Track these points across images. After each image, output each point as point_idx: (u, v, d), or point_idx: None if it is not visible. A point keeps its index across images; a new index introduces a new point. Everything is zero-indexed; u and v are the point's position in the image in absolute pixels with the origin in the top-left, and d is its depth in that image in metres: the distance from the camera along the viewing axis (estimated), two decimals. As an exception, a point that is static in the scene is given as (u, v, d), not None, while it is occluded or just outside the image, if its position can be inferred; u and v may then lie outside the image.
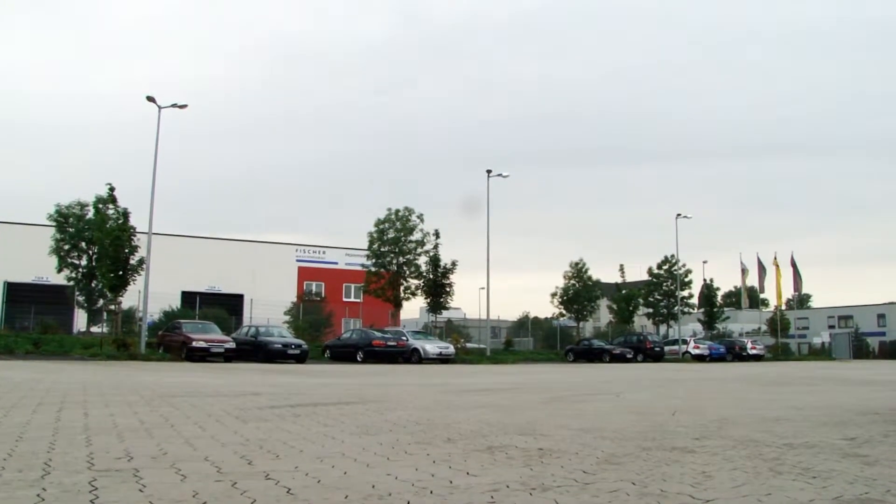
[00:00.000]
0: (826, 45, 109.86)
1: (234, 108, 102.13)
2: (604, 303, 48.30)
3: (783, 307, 53.77)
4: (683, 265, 48.57)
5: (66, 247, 37.17)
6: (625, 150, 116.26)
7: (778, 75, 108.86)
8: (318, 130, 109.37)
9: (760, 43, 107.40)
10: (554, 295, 45.36)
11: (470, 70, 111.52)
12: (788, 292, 53.48)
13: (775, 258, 51.19)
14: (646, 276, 49.08)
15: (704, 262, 66.12)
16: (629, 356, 37.71)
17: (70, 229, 37.16)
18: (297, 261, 58.95)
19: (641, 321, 50.44)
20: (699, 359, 40.82)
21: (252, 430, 4.75)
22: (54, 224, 37.73)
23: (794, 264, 51.95)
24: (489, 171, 38.03)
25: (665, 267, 48.57)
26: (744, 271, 52.43)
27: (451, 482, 3.25)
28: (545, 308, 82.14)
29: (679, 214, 45.77)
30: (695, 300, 50.56)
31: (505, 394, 9.41)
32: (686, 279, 48.41)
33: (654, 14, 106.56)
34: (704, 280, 50.64)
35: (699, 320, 51.36)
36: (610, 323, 49.53)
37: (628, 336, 42.52)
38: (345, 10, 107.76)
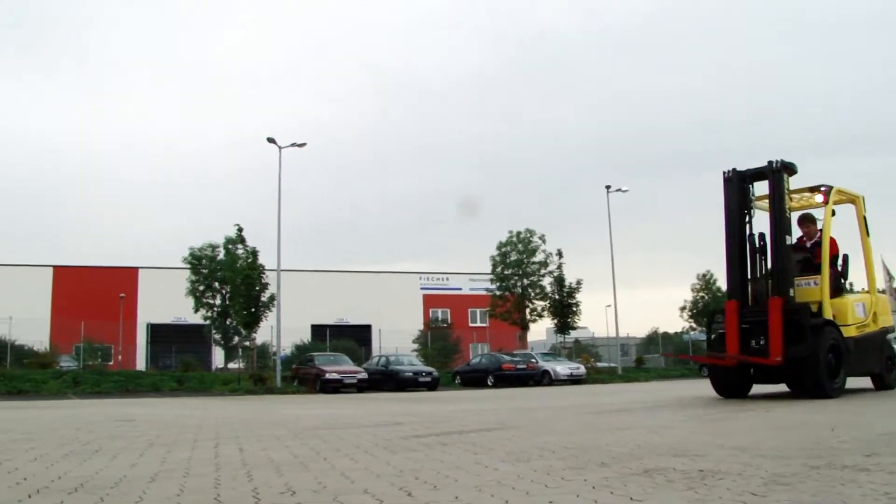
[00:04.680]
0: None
1: (348, 146, 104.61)
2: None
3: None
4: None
5: (201, 287, 38.70)
6: (748, 154, 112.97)
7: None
8: (435, 161, 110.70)
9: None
10: (683, 308, 44.37)
11: (581, 88, 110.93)
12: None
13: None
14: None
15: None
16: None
17: (203, 270, 38.69)
18: (422, 289, 59.56)
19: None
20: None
21: (403, 461, 4.76)
22: (189, 266, 39.30)
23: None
24: (608, 187, 37.61)
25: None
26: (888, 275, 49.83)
27: (616, 508, 3.16)
28: (674, 322, 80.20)
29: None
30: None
31: (645, 413, 9.19)
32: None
33: (754, 13, 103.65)
34: (842, 286, 48.61)
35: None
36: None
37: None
38: (449, 42, 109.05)
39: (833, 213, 11.37)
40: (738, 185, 10.62)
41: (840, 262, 11.54)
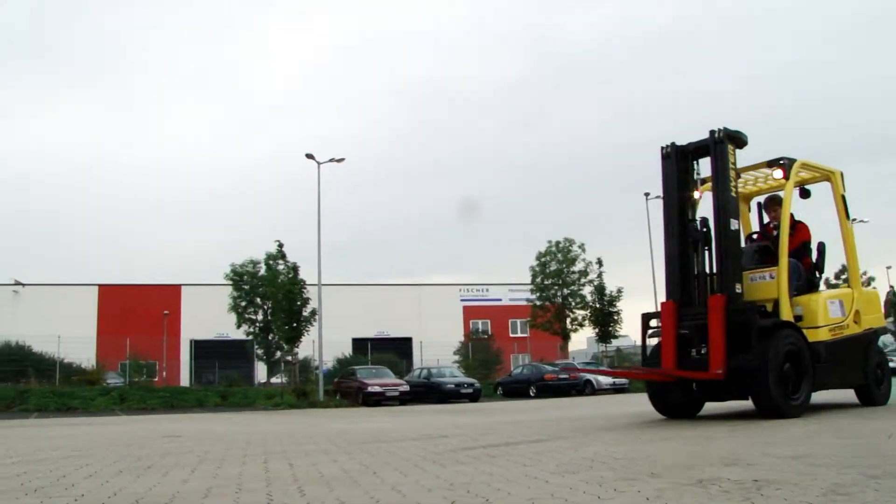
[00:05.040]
0: None
1: (384, 159, 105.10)
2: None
3: None
4: (864, 273, 46.03)
5: (243, 303, 39.01)
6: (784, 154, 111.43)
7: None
8: (468, 170, 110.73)
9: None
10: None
11: (608, 94, 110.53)
12: None
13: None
14: (823, 287, 46.79)
15: (888, 267, 61.92)
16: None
17: (245, 287, 39.00)
18: (462, 300, 59.55)
19: (822, 335, 47.90)
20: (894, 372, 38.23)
21: (452, 474, 4.76)
22: (231, 283, 39.65)
23: None
24: (647, 194, 37.32)
25: (844, 276, 46.23)
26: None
27: (673, 520, 3.13)
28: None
29: (854, 219, 43.52)
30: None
31: (692, 422, 9.07)
32: (870, 287, 45.93)
33: (780, 14, 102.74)
34: (891, 287, 47.70)
35: (889, 331, 48.27)
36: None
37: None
38: (479, 53, 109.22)
39: (807, 195, 10.03)
40: (678, 163, 9.07)
41: (815, 251, 9.97)
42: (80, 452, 7.30)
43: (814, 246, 9.99)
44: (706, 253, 8.95)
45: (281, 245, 32.40)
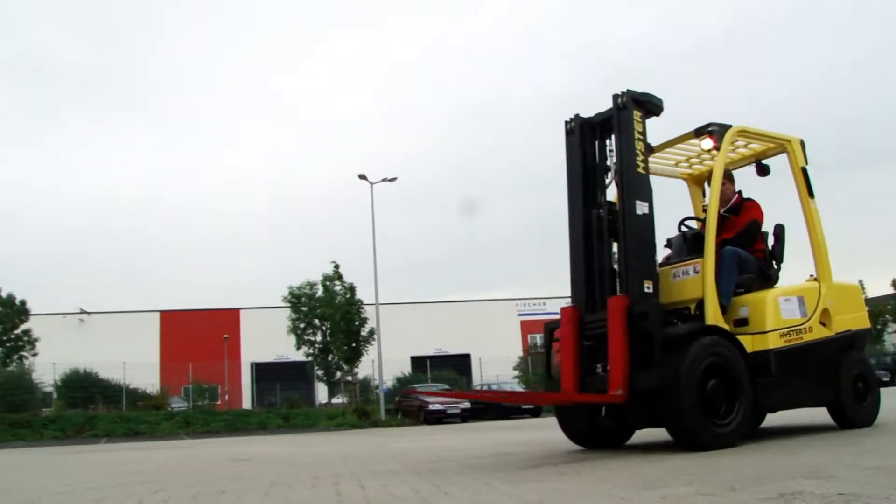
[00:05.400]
0: None
1: (437, 177, 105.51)
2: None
3: None
4: (935, 274, 44.85)
5: (302, 325, 39.36)
6: (850, 153, 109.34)
7: None
8: (521, 185, 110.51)
9: None
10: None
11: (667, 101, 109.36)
12: None
13: None
14: (892, 290, 45.62)
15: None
16: (885, 379, 34.83)
17: (303, 308, 39.36)
18: (519, 315, 59.28)
19: (893, 339, 46.60)
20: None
21: (525, 493, 4.68)
22: (289, 305, 40.07)
23: None
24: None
25: (905, 278, 45.13)
26: None
27: (760, 537, 3.02)
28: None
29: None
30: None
31: (768, 431, 8.85)
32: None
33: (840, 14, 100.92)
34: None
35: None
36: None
37: (880, 356, 39.30)
38: (533, 68, 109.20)
39: (766, 172, 8.38)
40: (585, 139, 7.56)
41: (771, 237, 8.23)
42: (153, 477, 7.38)
43: (772, 231, 8.35)
44: (614, 245, 7.36)
45: (337, 266, 32.77)
